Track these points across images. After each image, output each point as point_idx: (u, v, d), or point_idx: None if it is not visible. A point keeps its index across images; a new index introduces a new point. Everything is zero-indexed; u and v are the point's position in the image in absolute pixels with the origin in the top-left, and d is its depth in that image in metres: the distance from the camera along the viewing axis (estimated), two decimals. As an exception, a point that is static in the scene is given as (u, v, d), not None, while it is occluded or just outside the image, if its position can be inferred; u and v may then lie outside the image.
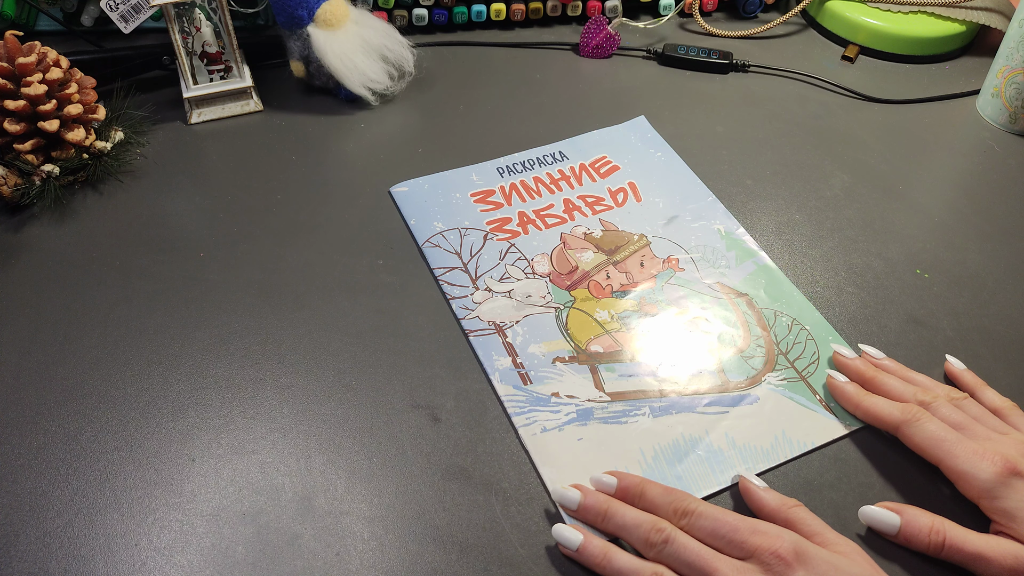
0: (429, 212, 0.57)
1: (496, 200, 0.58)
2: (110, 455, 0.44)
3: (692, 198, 0.60)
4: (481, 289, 0.52)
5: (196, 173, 0.63)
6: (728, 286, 0.53)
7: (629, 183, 0.60)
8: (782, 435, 0.45)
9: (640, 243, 0.55)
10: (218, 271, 0.55)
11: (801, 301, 0.53)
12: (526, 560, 0.41)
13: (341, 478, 0.44)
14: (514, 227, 0.56)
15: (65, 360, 0.49)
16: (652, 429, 0.45)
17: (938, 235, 0.60)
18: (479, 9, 0.79)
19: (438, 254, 0.54)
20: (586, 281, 0.52)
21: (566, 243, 0.55)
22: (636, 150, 0.64)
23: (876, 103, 0.73)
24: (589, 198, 0.59)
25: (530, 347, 0.49)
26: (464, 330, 0.50)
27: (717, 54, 0.76)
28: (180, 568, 0.40)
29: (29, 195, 0.58)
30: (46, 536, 0.41)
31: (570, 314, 0.50)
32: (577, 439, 0.44)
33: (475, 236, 0.55)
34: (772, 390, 0.47)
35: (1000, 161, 0.67)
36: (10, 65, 0.56)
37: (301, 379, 0.49)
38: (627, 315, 0.51)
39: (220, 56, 0.67)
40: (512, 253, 0.54)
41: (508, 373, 0.47)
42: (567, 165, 0.62)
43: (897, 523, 0.40)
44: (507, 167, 0.61)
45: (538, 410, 0.46)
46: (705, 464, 0.43)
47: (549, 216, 0.57)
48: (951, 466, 0.41)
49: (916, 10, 0.79)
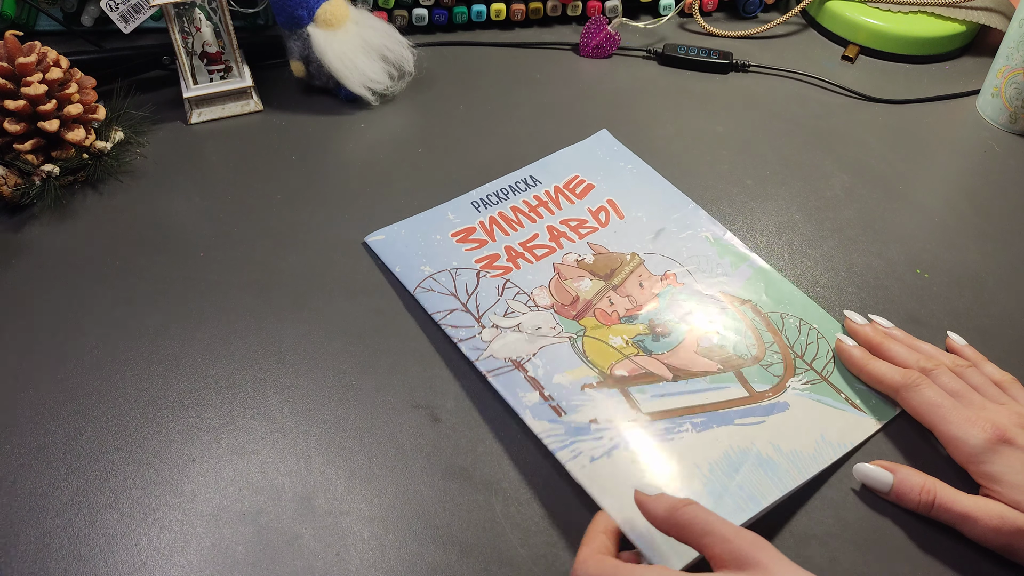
0: (413, 258, 0.54)
1: (479, 237, 0.56)
2: (110, 455, 0.44)
3: (673, 208, 0.59)
4: (488, 327, 0.49)
5: (196, 173, 0.63)
6: (731, 294, 0.53)
7: (608, 200, 0.59)
8: (822, 439, 0.45)
9: (634, 263, 0.54)
10: (218, 271, 0.55)
11: (802, 299, 0.53)
12: (526, 560, 0.41)
13: (341, 478, 0.44)
14: (504, 263, 0.54)
15: (65, 360, 0.49)
16: (699, 444, 0.44)
17: (938, 235, 0.60)
18: (479, 9, 0.79)
19: (433, 298, 0.52)
20: (591, 310, 0.51)
21: (560, 274, 0.53)
22: (606, 165, 0.63)
23: (876, 103, 0.73)
24: (572, 222, 0.57)
25: (554, 378, 0.46)
26: (480, 372, 0.47)
27: (717, 54, 0.76)
28: (180, 568, 0.40)
29: (29, 195, 0.58)
30: (46, 536, 0.41)
31: (585, 342, 0.49)
32: (630, 463, 0.42)
33: (467, 275, 0.53)
34: (799, 395, 0.47)
35: (1000, 161, 0.67)
36: (10, 65, 0.56)
37: (301, 379, 0.49)
38: (641, 339, 0.50)
39: (220, 56, 0.67)
40: (510, 288, 0.52)
41: (540, 408, 0.45)
42: (541, 190, 0.60)
43: (890, 481, 0.42)
44: (481, 200, 0.59)
45: (581, 439, 0.43)
46: (761, 473, 0.42)
47: (537, 247, 0.55)
48: (943, 431, 0.43)
49: (916, 10, 0.79)
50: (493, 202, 0.59)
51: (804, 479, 0.43)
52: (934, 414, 0.43)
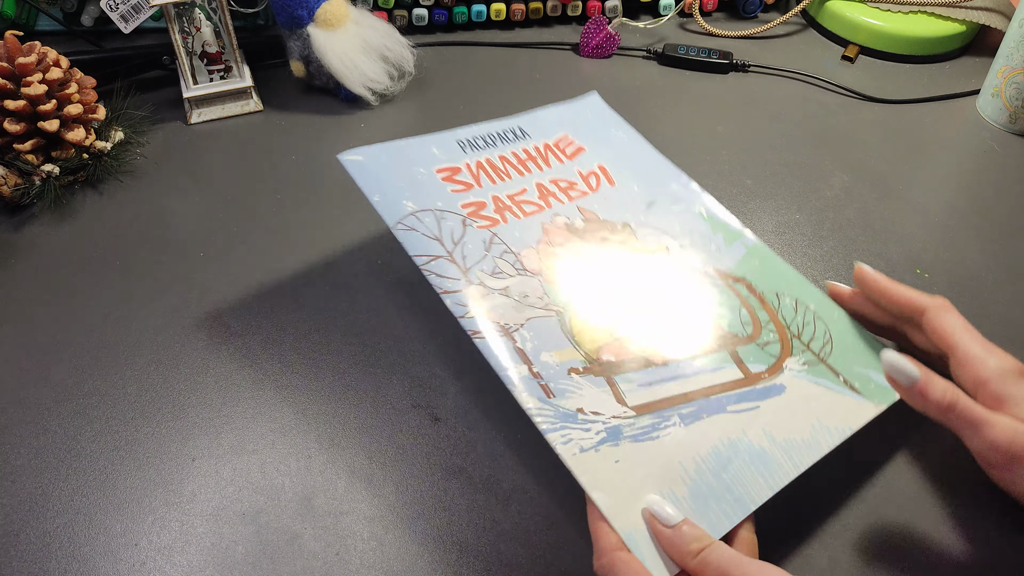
0: (394, 189, 0.50)
1: (465, 180, 0.52)
2: (110, 455, 0.44)
3: (666, 180, 0.56)
4: (475, 284, 0.46)
5: (196, 173, 0.63)
6: (724, 271, 0.51)
7: (599, 166, 0.56)
8: (819, 423, 0.43)
9: (625, 231, 0.52)
10: (218, 271, 0.55)
11: (798, 279, 0.51)
12: (526, 560, 0.41)
13: (341, 478, 0.44)
14: (491, 213, 0.50)
15: (65, 360, 0.49)
16: (687, 440, 0.41)
17: (938, 235, 0.60)
18: (479, 9, 0.79)
19: (415, 239, 0.47)
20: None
21: (549, 236, 0.51)
22: (596, 130, 0.59)
23: (876, 103, 0.73)
24: (562, 182, 0.54)
25: (542, 355, 0.44)
26: (466, 330, 0.44)
27: (717, 54, 0.76)
28: (180, 568, 0.40)
29: (29, 195, 0.58)
30: (46, 536, 0.41)
31: (572, 320, 0.46)
32: (614, 461, 0.40)
33: (453, 221, 0.49)
34: (796, 377, 0.45)
35: (1000, 161, 0.67)
36: (10, 65, 0.56)
37: (301, 379, 0.49)
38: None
39: (220, 56, 0.67)
40: (496, 244, 0.49)
41: (529, 383, 0.42)
42: (530, 144, 0.56)
43: (917, 376, 0.41)
44: (468, 141, 0.55)
45: (570, 427, 0.41)
46: (751, 468, 0.41)
47: (525, 203, 0.52)
48: (967, 349, 0.42)
49: (916, 10, 0.79)
50: (480, 145, 0.55)
51: (797, 473, 0.41)
52: (961, 334, 0.43)
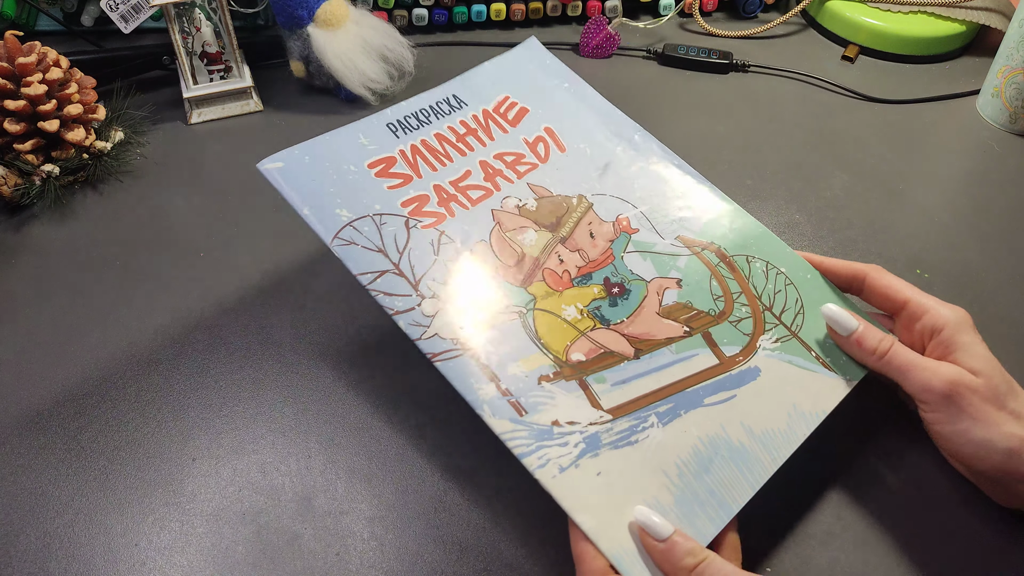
0: (323, 195, 0.45)
1: (402, 171, 0.48)
2: (110, 455, 0.44)
3: (619, 136, 0.52)
4: (428, 297, 0.43)
5: (196, 173, 0.63)
6: (691, 238, 0.48)
7: (545, 128, 0.52)
8: (794, 409, 0.42)
9: (581, 207, 0.48)
10: (218, 271, 0.55)
11: (767, 237, 0.49)
12: (526, 560, 0.41)
13: (341, 478, 0.44)
14: (435, 207, 0.46)
15: (65, 360, 0.49)
16: (667, 442, 0.40)
17: (938, 235, 0.60)
18: (479, 9, 0.79)
19: (356, 254, 0.43)
20: (539, 271, 0.45)
21: (501, 224, 0.47)
22: (538, 84, 0.54)
23: (876, 103, 0.73)
24: (508, 156, 0.50)
25: (509, 367, 0.41)
26: (425, 354, 0.41)
27: (717, 54, 0.76)
28: (180, 568, 0.40)
29: (29, 195, 0.58)
30: (46, 536, 0.41)
31: (536, 317, 0.44)
32: (596, 474, 0.39)
33: (395, 225, 0.45)
34: (769, 356, 0.44)
35: (1000, 161, 0.67)
36: (10, 65, 0.56)
37: (301, 379, 0.49)
38: (596, 305, 0.45)
39: (220, 56, 0.67)
40: (446, 244, 0.45)
41: (498, 404, 0.40)
42: (468, 114, 0.52)
43: (855, 326, 0.43)
44: (398, 123, 0.50)
45: (546, 445, 0.39)
46: (732, 467, 0.40)
47: (471, 188, 0.48)
48: (920, 300, 0.43)
49: (916, 10, 0.79)
50: (412, 126, 0.50)
51: (776, 467, 0.40)
52: (910, 288, 0.44)
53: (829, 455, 0.46)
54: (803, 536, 0.42)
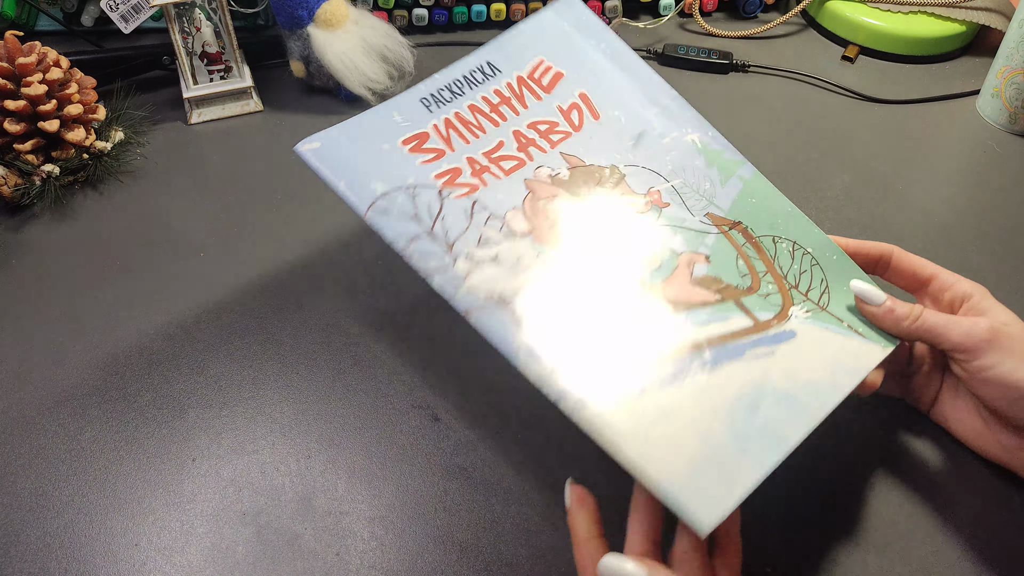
0: (359, 171, 0.46)
1: (435, 147, 0.48)
2: (110, 455, 0.44)
3: (654, 102, 0.52)
4: (462, 258, 0.43)
5: (196, 173, 0.63)
6: (719, 215, 0.48)
7: (580, 95, 0.52)
8: (836, 364, 0.42)
9: (614, 178, 0.48)
10: (218, 271, 0.55)
11: (796, 216, 0.49)
12: (526, 560, 0.41)
13: (341, 478, 0.44)
14: (468, 179, 0.47)
15: (65, 360, 0.49)
16: (710, 384, 0.39)
17: (938, 235, 0.60)
18: (479, 9, 0.79)
19: (390, 223, 0.44)
20: None
21: (534, 192, 0.47)
22: (575, 45, 0.54)
23: (876, 103, 0.73)
24: (541, 125, 0.50)
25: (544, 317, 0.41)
26: (459, 311, 0.41)
27: (717, 54, 0.76)
28: (180, 568, 0.40)
29: (29, 195, 0.58)
30: (46, 536, 0.41)
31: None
32: (642, 415, 0.38)
33: (428, 195, 0.45)
34: (803, 322, 0.44)
35: (1000, 161, 0.67)
36: (10, 65, 0.56)
37: (301, 379, 0.49)
38: None
39: (220, 56, 0.67)
40: (479, 212, 0.45)
41: (533, 352, 0.40)
42: (503, 81, 0.51)
43: (883, 297, 0.44)
44: (432, 97, 0.50)
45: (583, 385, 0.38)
46: (781, 409, 0.39)
47: (504, 159, 0.48)
48: (947, 275, 0.45)
49: (916, 10, 0.79)
50: (446, 99, 0.50)
51: (826, 412, 0.40)
52: (934, 265, 0.46)
53: (829, 456, 0.46)
54: (803, 536, 0.42)
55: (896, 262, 0.47)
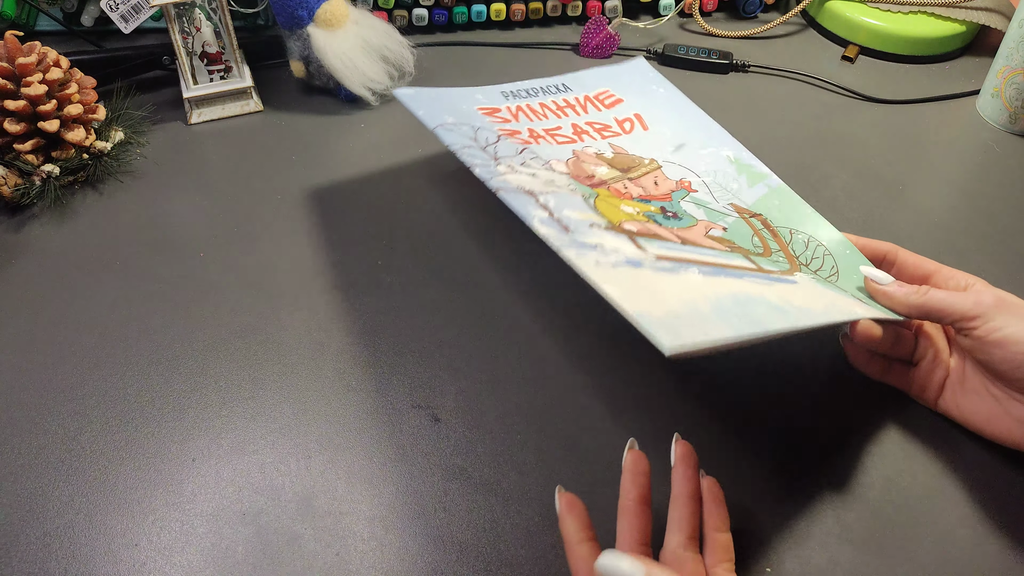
0: (439, 110, 0.54)
1: (504, 116, 0.56)
2: (110, 455, 0.44)
3: (698, 127, 0.59)
4: (504, 164, 0.49)
5: (196, 173, 0.63)
6: (742, 207, 0.52)
7: (635, 114, 0.60)
8: (832, 304, 0.43)
9: (652, 166, 0.54)
10: (218, 271, 0.55)
11: (816, 219, 0.52)
12: (526, 560, 0.41)
13: (341, 478, 0.44)
14: (526, 137, 0.54)
15: (65, 360, 0.49)
16: (705, 283, 0.41)
17: (938, 235, 0.60)
18: (479, 9, 0.79)
19: (453, 137, 0.51)
20: (606, 186, 0.50)
21: (579, 157, 0.53)
22: (638, 86, 0.63)
23: (876, 103, 0.73)
24: (596, 124, 0.58)
25: (565, 211, 0.45)
26: (492, 189, 0.46)
27: (717, 54, 0.76)
28: (180, 568, 0.40)
29: (29, 195, 0.58)
30: (46, 536, 0.41)
31: (598, 200, 0.48)
32: (635, 281, 0.40)
33: (488, 134, 0.53)
34: (808, 279, 0.45)
35: (1000, 161, 0.67)
36: (10, 65, 0.56)
37: (301, 379, 0.49)
38: (652, 215, 0.48)
39: (220, 56, 0.67)
40: (528, 153, 0.51)
41: (549, 222, 0.43)
42: (571, 96, 0.61)
43: (889, 278, 0.46)
44: (511, 92, 0.60)
45: (587, 250, 0.41)
46: (771, 312, 0.40)
47: (558, 135, 0.56)
48: (947, 272, 0.46)
49: (916, 10, 0.79)
50: (522, 95, 0.59)
51: (813, 323, 0.40)
52: (934, 262, 0.47)
53: (829, 456, 0.46)
54: (803, 536, 0.42)
55: (903, 257, 0.48)
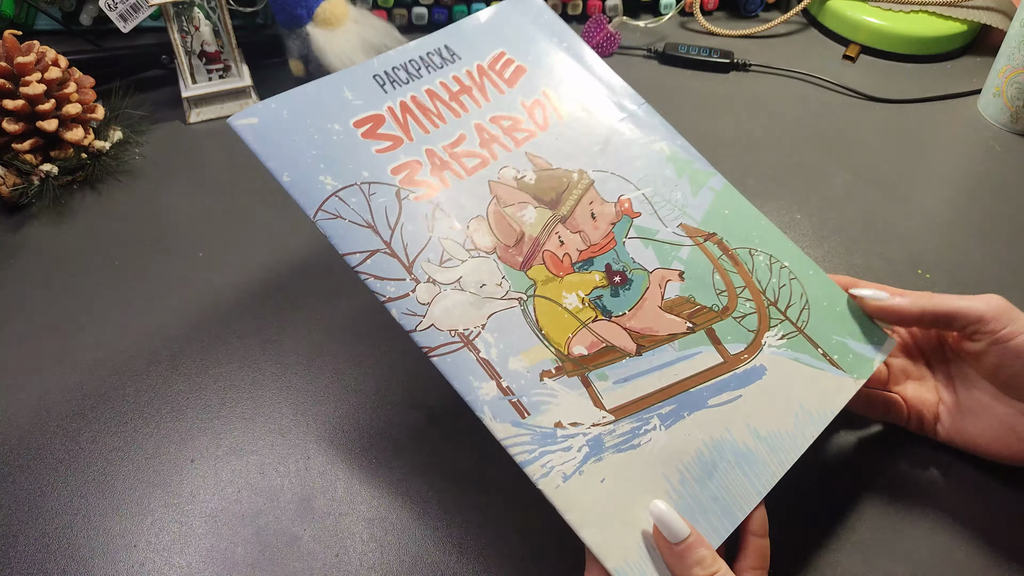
0: (306, 158, 0.41)
1: (391, 133, 0.45)
2: (109, 456, 0.44)
3: (620, 107, 0.51)
4: (423, 281, 0.40)
5: (195, 172, 0.62)
6: (693, 227, 0.47)
7: (544, 92, 0.50)
8: (801, 410, 0.41)
9: (582, 184, 0.47)
10: (218, 271, 0.55)
11: (770, 230, 0.48)
12: (526, 560, 0.41)
13: (340, 479, 0.44)
14: (428, 176, 0.44)
15: (65, 360, 0.49)
16: (670, 445, 0.39)
17: (940, 235, 0.60)
18: (479, 8, 0.78)
19: (343, 231, 0.40)
20: (539, 253, 0.43)
21: (499, 198, 0.45)
22: (535, 42, 0.52)
23: (877, 103, 0.73)
24: (504, 120, 0.48)
25: (510, 362, 0.40)
26: (420, 347, 0.39)
27: (718, 53, 0.76)
28: (179, 569, 0.40)
29: (28, 195, 0.58)
30: (45, 537, 0.41)
31: (536, 305, 0.42)
32: (600, 480, 0.37)
33: (385, 196, 0.42)
34: (775, 354, 0.43)
35: (1001, 161, 0.67)
36: (9, 65, 0.56)
37: (300, 379, 0.48)
38: (598, 294, 0.43)
39: (219, 55, 0.67)
40: (440, 219, 0.42)
41: (500, 406, 0.38)
42: (462, 69, 0.49)
43: (886, 295, 0.44)
44: (386, 75, 0.47)
45: (549, 451, 0.38)
46: (738, 471, 0.39)
47: (466, 156, 0.45)
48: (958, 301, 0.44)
49: (917, 9, 0.79)
50: (402, 79, 0.47)
51: (782, 472, 0.40)
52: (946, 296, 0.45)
53: (829, 457, 0.46)
54: (803, 538, 0.42)
55: (915, 299, 0.45)
